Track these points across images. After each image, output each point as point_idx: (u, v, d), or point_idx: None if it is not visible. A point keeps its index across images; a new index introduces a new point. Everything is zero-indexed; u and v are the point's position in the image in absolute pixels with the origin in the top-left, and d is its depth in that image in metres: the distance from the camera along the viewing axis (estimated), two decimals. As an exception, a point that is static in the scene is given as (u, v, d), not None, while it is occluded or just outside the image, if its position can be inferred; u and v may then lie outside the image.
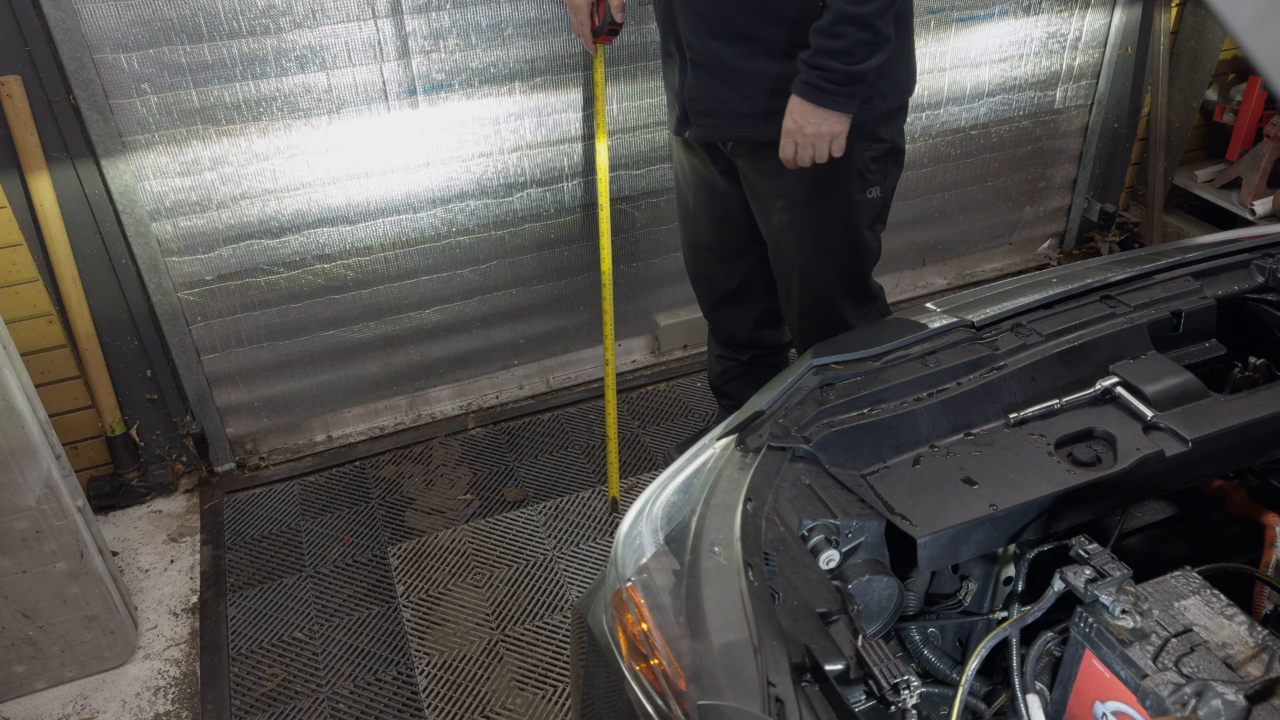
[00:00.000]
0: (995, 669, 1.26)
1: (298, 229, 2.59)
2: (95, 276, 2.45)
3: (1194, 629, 1.03)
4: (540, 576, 2.46)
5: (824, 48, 1.77)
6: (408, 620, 2.36)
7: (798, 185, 2.03)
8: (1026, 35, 3.18)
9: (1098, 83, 3.41)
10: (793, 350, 2.60)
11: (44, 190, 2.28)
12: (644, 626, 1.14)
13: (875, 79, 1.86)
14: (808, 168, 1.93)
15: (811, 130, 1.83)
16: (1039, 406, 1.38)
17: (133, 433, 2.67)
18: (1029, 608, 1.15)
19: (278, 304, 2.68)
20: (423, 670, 2.24)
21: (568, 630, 2.30)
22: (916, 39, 2.41)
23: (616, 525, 2.19)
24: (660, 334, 3.19)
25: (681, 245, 2.47)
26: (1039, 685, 1.17)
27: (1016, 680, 1.15)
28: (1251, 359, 1.53)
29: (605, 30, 2.22)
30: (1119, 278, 1.61)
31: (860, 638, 1.06)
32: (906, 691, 0.99)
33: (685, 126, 2.09)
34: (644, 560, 1.23)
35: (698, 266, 2.43)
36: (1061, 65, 3.32)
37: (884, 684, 0.99)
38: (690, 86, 2.01)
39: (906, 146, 2.12)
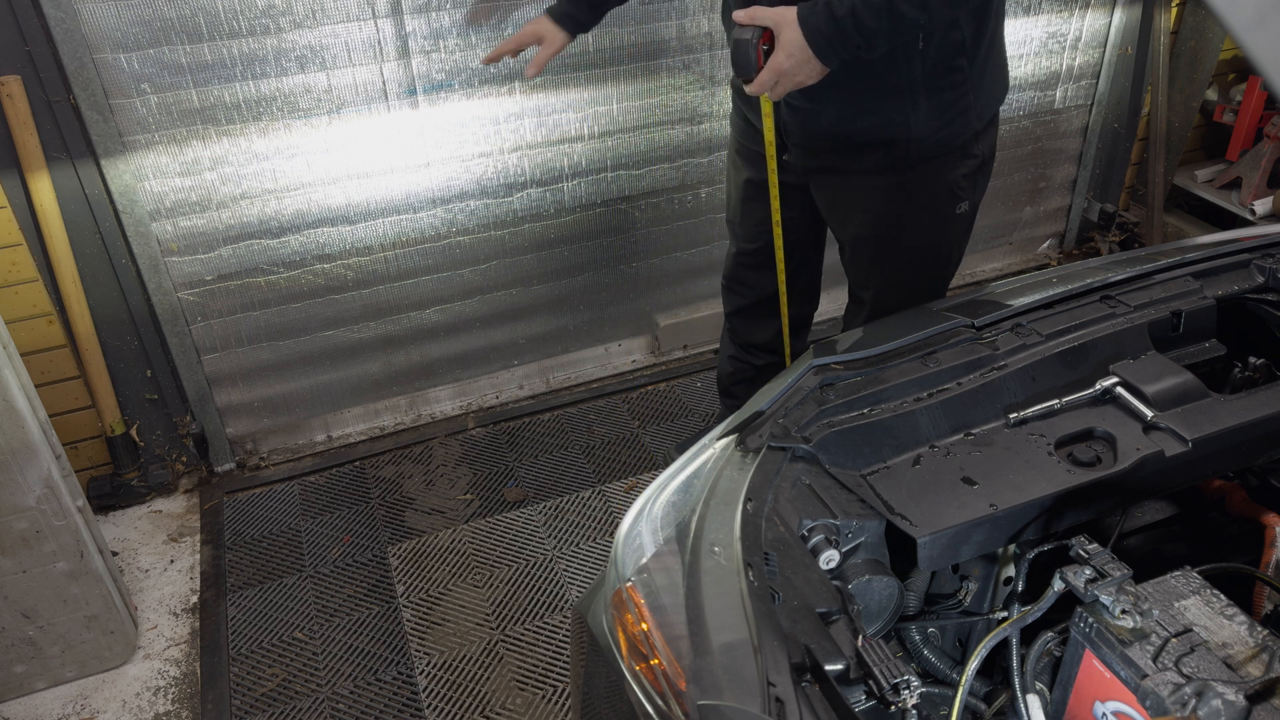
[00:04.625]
0: (995, 669, 1.26)
1: (298, 229, 2.59)
2: (95, 276, 2.45)
3: (1194, 629, 1.03)
4: (540, 576, 2.46)
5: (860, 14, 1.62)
6: (408, 620, 2.36)
7: (886, 201, 1.99)
8: (1026, 35, 3.18)
9: (1098, 83, 3.41)
10: None
11: (44, 190, 2.28)
12: (644, 626, 1.14)
13: (971, 95, 1.86)
14: (891, 186, 1.93)
15: (796, 78, 1.69)
16: (1039, 406, 1.38)
17: (133, 433, 2.67)
18: (1029, 608, 1.15)
19: (278, 304, 2.68)
20: (423, 670, 2.24)
21: (568, 630, 2.30)
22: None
23: (616, 524, 2.19)
24: (660, 334, 3.19)
25: (727, 253, 2.41)
26: (1039, 685, 1.17)
27: (1016, 680, 1.15)
28: (1251, 359, 1.53)
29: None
30: (1119, 278, 1.61)
31: (860, 638, 1.06)
32: (906, 691, 0.99)
33: (785, 150, 2.04)
34: (644, 560, 1.23)
35: (735, 271, 2.39)
36: (1061, 65, 3.32)
37: (884, 684, 0.99)
38: (785, 119, 1.97)
39: None
